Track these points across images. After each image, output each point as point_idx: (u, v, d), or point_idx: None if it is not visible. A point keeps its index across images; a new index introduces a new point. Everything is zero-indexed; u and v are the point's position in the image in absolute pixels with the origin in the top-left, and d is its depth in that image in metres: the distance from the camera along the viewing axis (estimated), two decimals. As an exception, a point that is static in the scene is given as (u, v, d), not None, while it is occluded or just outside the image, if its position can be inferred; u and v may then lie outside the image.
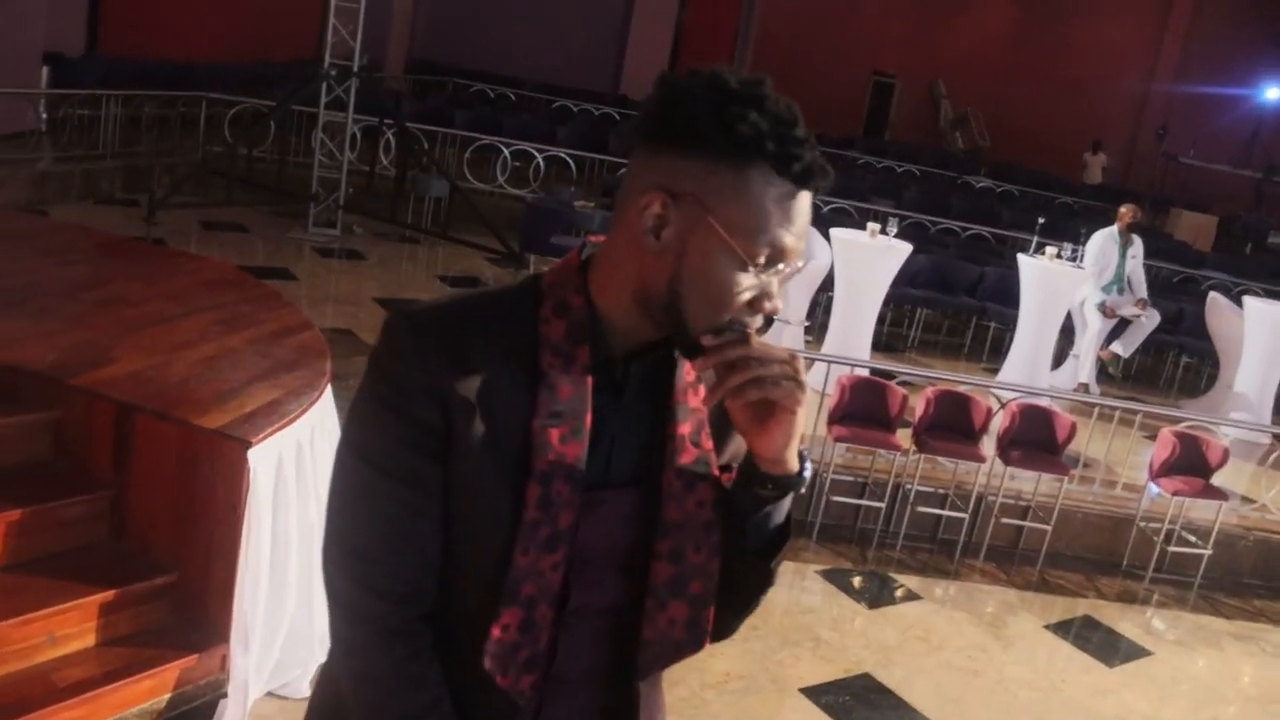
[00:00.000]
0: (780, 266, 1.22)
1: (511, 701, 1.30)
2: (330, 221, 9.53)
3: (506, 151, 12.34)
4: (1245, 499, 6.73)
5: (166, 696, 3.28)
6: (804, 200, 1.22)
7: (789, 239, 1.21)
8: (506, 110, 15.85)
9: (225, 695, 3.27)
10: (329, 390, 3.95)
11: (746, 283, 1.21)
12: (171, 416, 3.34)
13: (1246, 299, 8.99)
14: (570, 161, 12.78)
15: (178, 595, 3.41)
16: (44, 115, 10.35)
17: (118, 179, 9.78)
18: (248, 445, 3.19)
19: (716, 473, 1.34)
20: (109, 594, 3.23)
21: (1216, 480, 6.06)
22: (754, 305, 1.23)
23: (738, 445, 1.36)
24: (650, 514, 1.31)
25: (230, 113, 11.63)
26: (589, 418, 1.26)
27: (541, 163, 12.51)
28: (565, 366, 1.26)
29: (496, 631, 1.25)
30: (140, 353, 3.77)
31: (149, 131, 10.98)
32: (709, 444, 1.33)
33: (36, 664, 3.10)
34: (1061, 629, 5.26)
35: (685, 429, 1.31)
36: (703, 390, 1.33)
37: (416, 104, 14.00)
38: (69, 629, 3.17)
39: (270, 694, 3.47)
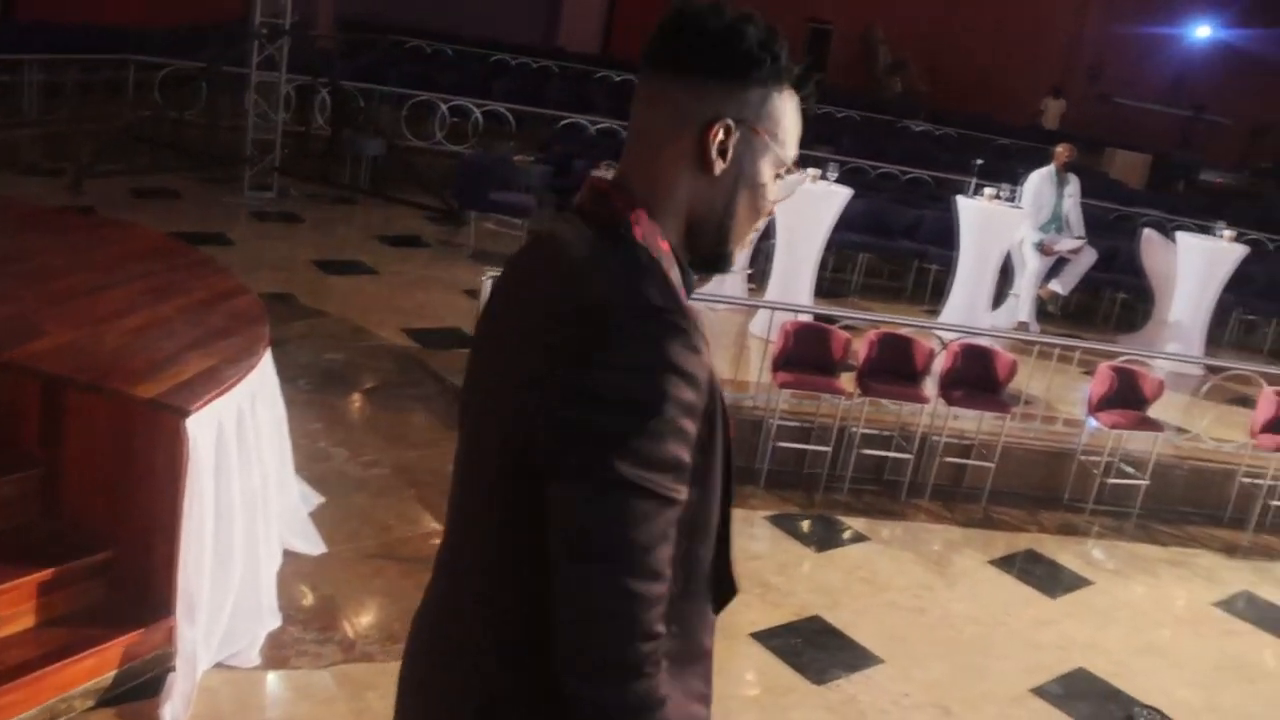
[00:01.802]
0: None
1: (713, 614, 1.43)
2: (265, 184, 9.37)
3: (443, 107, 12.18)
4: (1180, 429, 6.87)
5: (112, 674, 3.25)
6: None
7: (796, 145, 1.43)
8: (442, 66, 15.61)
9: (173, 668, 3.24)
10: (268, 355, 3.89)
11: (776, 189, 1.41)
12: (104, 388, 3.27)
13: (1179, 234, 9.15)
14: (508, 115, 12.64)
15: (118, 571, 3.36)
16: (-41, 84, 10.04)
17: (39, 147, 9.52)
18: (185, 414, 3.14)
19: None
20: (45, 573, 3.17)
21: (1152, 412, 6.19)
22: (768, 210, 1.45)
23: None
24: None
25: (158, 76, 11.34)
26: None
27: (479, 117, 12.37)
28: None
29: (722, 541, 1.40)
30: (69, 325, 3.68)
31: (72, 98, 10.68)
32: None
33: (-26, 647, 3.06)
34: (1005, 564, 5.37)
35: None
36: None
37: (350, 62, 13.74)
38: (5, 611, 3.11)
39: (219, 664, 3.44)
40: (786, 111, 1.39)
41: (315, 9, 17.14)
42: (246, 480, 3.48)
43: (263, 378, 3.81)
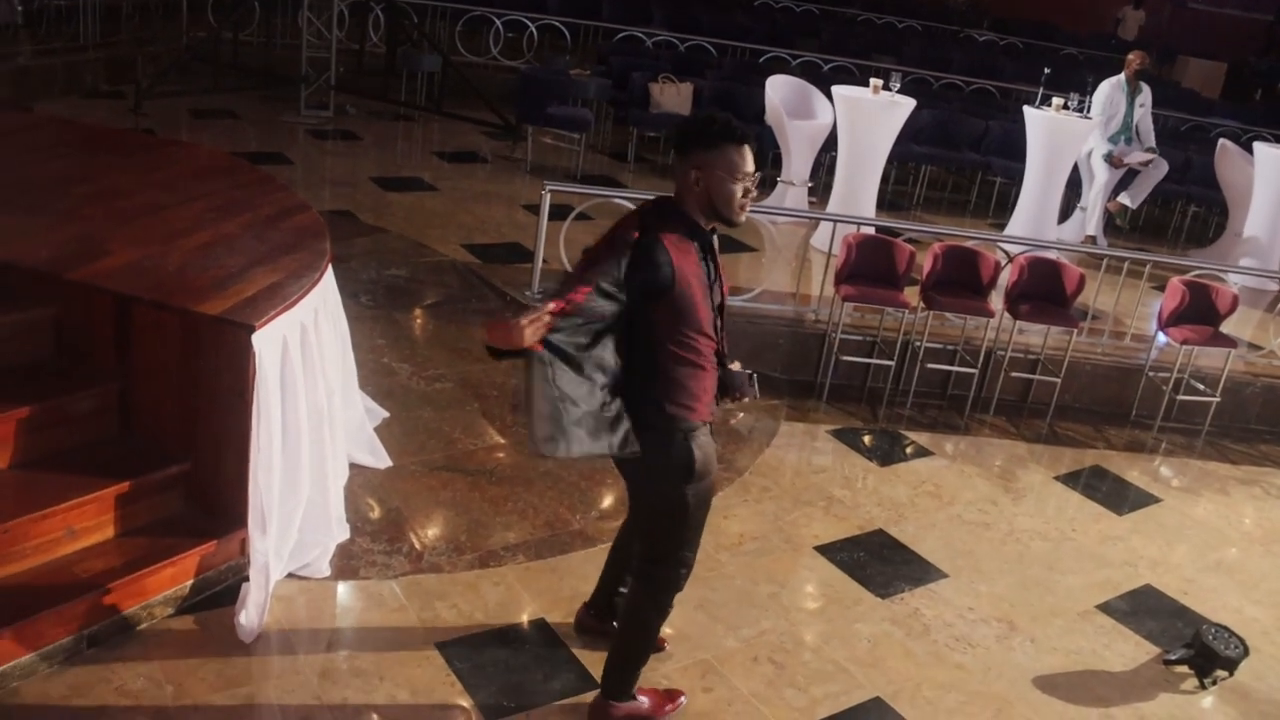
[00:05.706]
0: (749, 180, 2.74)
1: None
2: (322, 103, 9.35)
3: (498, 22, 12.04)
4: (1253, 345, 6.71)
5: (189, 582, 3.33)
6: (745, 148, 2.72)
7: (747, 164, 2.73)
8: (495, -20, 15.36)
9: (247, 579, 3.31)
10: (330, 271, 3.91)
11: (739, 191, 2.73)
12: (171, 305, 3.31)
13: (1257, 145, 8.82)
14: (564, 29, 12.47)
15: (192, 483, 3.43)
16: (19, 8, 10.07)
17: (100, 71, 9.57)
18: (251, 330, 3.17)
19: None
20: (123, 485, 3.25)
21: (1225, 328, 6.03)
22: (743, 203, 2.77)
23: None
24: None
25: (211, -4, 11.32)
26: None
27: (535, 32, 12.22)
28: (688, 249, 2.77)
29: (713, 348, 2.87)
30: (135, 244, 3.72)
31: (129, 20, 10.69)
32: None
33: (58, 557, 3.15)
34: (1071, 479, 5.30)
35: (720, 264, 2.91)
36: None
37: (402, -22, 13.57)
38: (87, 522, 3.21)
39: (291, 575, 3.52)
40: (728, 155, 2.70)
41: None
42: (312, 395, 3.51)
43: (325, 294, 3.83)
